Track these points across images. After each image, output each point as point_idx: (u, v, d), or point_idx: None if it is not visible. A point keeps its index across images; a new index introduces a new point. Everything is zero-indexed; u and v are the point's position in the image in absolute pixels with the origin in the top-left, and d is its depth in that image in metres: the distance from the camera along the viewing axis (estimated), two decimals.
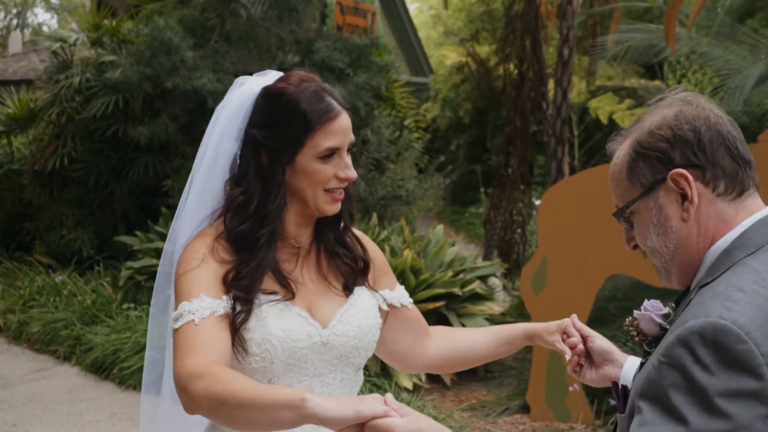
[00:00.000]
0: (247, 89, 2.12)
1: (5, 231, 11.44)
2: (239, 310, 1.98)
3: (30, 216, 11.10)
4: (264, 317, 1.99)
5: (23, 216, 11.23)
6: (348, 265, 2.17)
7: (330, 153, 2.02)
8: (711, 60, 8.59)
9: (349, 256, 2.19)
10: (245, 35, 10.03)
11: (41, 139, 10.87)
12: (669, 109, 1.64)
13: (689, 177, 1.58)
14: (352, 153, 2.10)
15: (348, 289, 2.15)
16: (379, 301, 2.23)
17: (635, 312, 1.79)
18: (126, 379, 7.14)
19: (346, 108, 2.07)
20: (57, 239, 10.42)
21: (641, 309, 1.78)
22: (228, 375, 1.75)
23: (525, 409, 6.40)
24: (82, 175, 10.45)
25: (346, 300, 2.14)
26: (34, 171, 10.65)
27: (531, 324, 2.27)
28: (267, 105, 2.06)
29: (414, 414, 1.60)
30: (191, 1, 10.11)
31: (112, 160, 10.45)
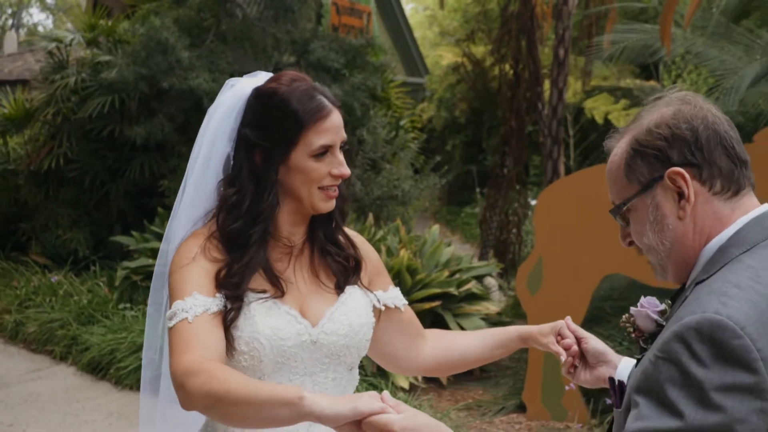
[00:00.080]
0: (239, 90, 2.13)
1: (1, 231, 11.43)
2: (230, 307, 1.98)
3: (26, 216, 11.10)
4: (252, 315, 2.00)
5: (19, 216, 11.22)
6: (339, 264, 2.18)
7: (323, 151, 2.03)
8: (706, 60, 8.59)
9: (341, 254, 2.19)
10: (241, 35, 10.03)
11: (37, 139, 10.87)
12: (667, 108, 1.65)
13: (686, 175, 1.59)
14: (345, 151, 2.11)
15: (339, 288, 2.16)
16: (373, 300, 2.23)
17: (632, 309, 1.80)
18: (122, 379, 7.14)
19: (337, 106, 2.09)
20: (53, 239, 10.42)
21: (638, 306, 1.80)
22: (224, 372, 1.75)
23: (521, 409, 6.41)
24: (78, 175, 10.45)
25: (337, 298, 2.14)
26: (29, 171, 10.65)
27: (525, 326, 2.28)
28: (259, 105, 2.07)
29: (411, 410, 1.61)
30: (187, 1, 10.11)
31: (108, 160, 10.44)
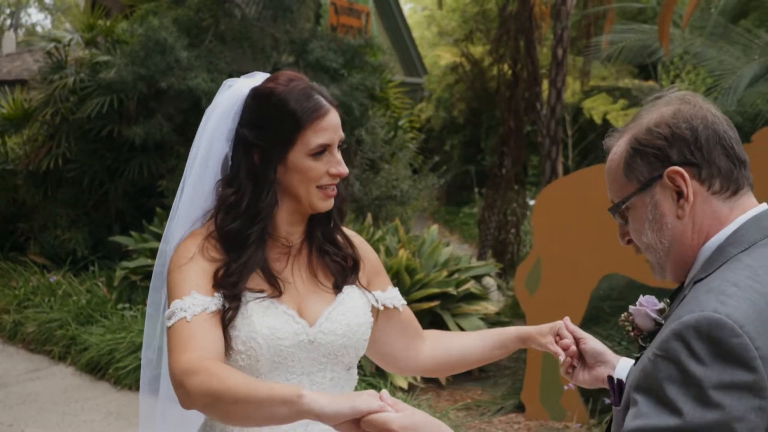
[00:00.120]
0: (236, 91, 2.14)
1: None
2: (228, 307, 1.99)
3: (24, 216, 11.09)
4: (249, 315, 2.00)
5: (17, 216, 11.21)
6: (337, 263, 2.18)
7: (321, 150, 2.04)
8: (704, 60, 8.59)
9: (339, 254, 2.19)
10: (240, 35, 10.03)
11: (35, 140, 10.86)
12: (667, 108, 1.66)
13: (685, 175, 1.59)
14: (343, 150, 2.12)
15: (337, 288, 2.16)
16: (371, 300, 2.23)
17: (630, 307, 1.81)
18: (121, 379, 7.14)
19: (334, 105, 2.09)
20: (51, 239, 10.41)
21: (636, 304, 1.80)
22: (223, 371, 1.76)
23: (520, 409, 6.41)
24: (76, 176, 10.45)
25: (335, 298, 2.14)
26: (28, 171, 10.64)
27: (524, 327, 2.28)
28: (256, 105, 2.08)
29: (409, 409, 1.62)
30: (186, 1, 10.11)
31: (106, 160, 10.44)
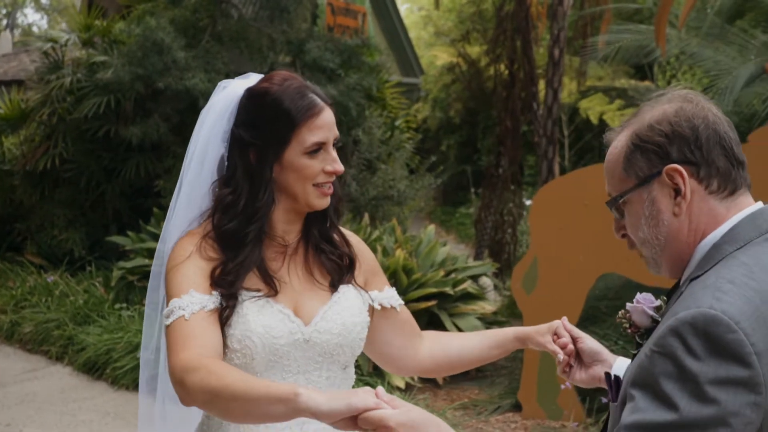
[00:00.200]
0: (231, 92, 2.15)
1: None
2: (224, 306, 2.00)
3: (21, 216, 11.08)
4: (245, 314, 2.01)
5: (14, 216, 11.20)
6: (333, 262, 2.19)
7: (316, 148, 2.05)
8: (701, 60, 8.60)
9: (335, 252, 2.20)
10: (236, 35, 10.03)
11: (32, 140, 10.84)
12: (669, 105, 1.67)
13: (684, 173, 1.61)
14: (340, 150, 2.13)
15: (333, 287, 2.17)
16: (367, 300, 2.24)
17: (628, 305, 1.82)
18: (119, 379, 7.14)
19: (329, 104, 2.11)
20: (48, 239, 10.41)
21: (634, 302, 1.82)
22: (222, 368, 1.78)
23: (517, 408, 6.43)
24: (73, 176, 10.44)
25: (330, 297, 2.15)
26: (25, 171, 10.62)
27: (522, 327, 2.30)
28: (252, 105, 2.09)
29: (406, 405, 1.63)
30: (183, 2, 10.11)
31: (103, 160, 10.43)
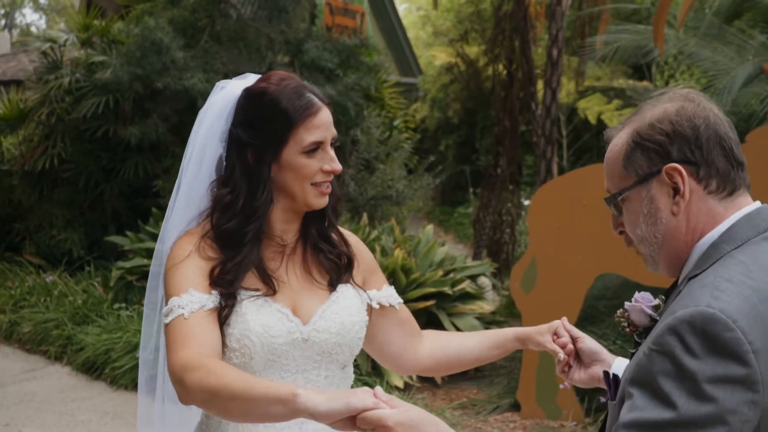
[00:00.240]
0: (229, 92, 2.16)
1: None
2: (223, 305, 2.01)
3: (20, 216, 11.09)
4: (243, 313, 2.02)
5: (13, 216, 11.22)
6: (332, 261, 2.20)
7: (314, 147, 2.06)
8: (699, 61, 8.61)
9: (333, 252, 2.21)
10: (235, 35, 10.03)
11: (31, 140, 10.85)
12: (671, 104, 1.68)
13: (683, 172, 1.61)
14: (339, 150, 2.14)
15: (332, 286, 2.18)
16: (365, 299, 2.25)
17: (626, 304, 1.83)
18: (118, 379, 7.14)
19: (326, 103, 2.12)
20: (47, 240, 10.43)
21: (632, 301, 1.82)
22: (221, 368, 1.78)
23: (515, 408, 6.43)
24: (72, 176, 10.45)
25: (329, 297, 2.16)
26: (23, 171, 10.64)
27: (522, 328, 2.30)
28: (249, 105, 2.10)
29: (404, 405, 1.63)
30: (181, 2, 10.11)
31: (102, 160, 10.44)
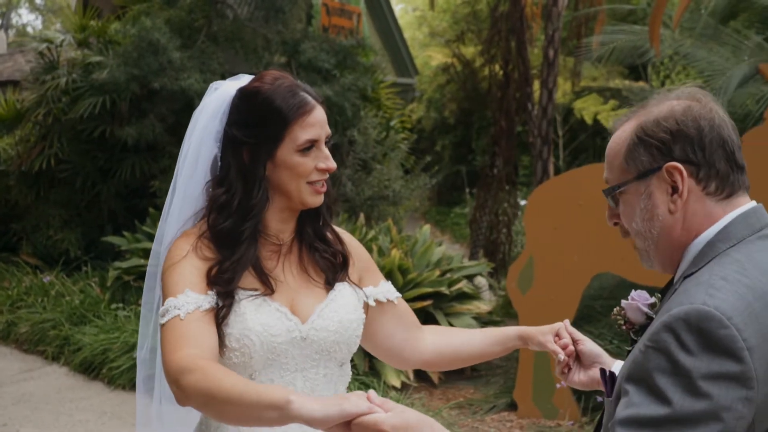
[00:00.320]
0: (223, 92, 2.17)
1: None
2: (221, 305, 2.02)
3: (17, 217, 11.08)
4: (242, 312, 2.03)
5: (10, 217, 11.21)
6: (327, 260, 2.21)
7: (309, 145, 2.07)
8: (694, 61, 8.61)
9: (329, 251, 2.22)
10: (232, 36, 10.04)
11: (28, 140, 10.85)
12: (678, 102, 1.68)
13: (683, 172, 1.63)
14: (335, 150, 2.15)
15: (329, 284, 2.19)
16: (361, 297, 2.26)
17: (623, 302, 1.85)
18: (115, 379, 7.14)
19: (320, 102, 2.13)
20: (44, 240, 10.42)
21: (629, 299, 1.84)
22: (217, 371, 1.78)
23: (512, 407, 6.45)
24: (69, 176, 10.45)
25: (326, 295, 2.17)
26: (20, 172, 10.64)
27: (525, 327, 2.31)
28: (244, 105, 2.11)
29: (399, 407, 1.62)
30: (178, 2, 10.12)
31: (99, 160, 10.44)
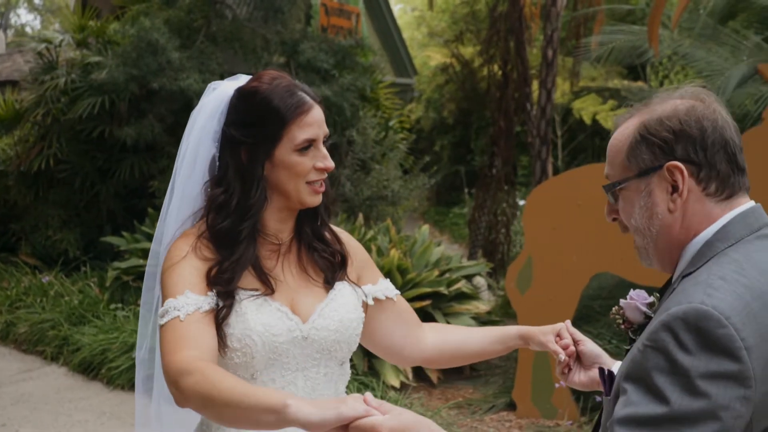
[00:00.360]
0: (221, 92, 2.17)
1: None
2: (221, 305, 2.02)
3: (16, 217, 11.08)
4: (243, 313, 2.03)
5: (9, 217, 11.21)
6: (326, 260, 2.21)
7: (307, 145, 2.08)
8: (693, 61, 8.62)
9: (327, 250, 2.23)
10: (231, 36, 10.05)
11: (27, 140, 10.86)
12: (681, 102, 1.68)
13: (684, 171, 1.63)
14: (334, 150, 2.15)
15: (329, 284, 2.19)
16: (360, 296, 2.27)
17: (621, 301, 1.85)
18: (114, 379, 7.14)
19: (317, 101, 2.14)
20: (43, 240, 10.42)
21: (627, 298, 1.84)
22: (216, 374, 1.78)
23: (511, 407, 6.45)
24: (67, 176, 10.45)
25: (326, 295, 2.17)
26: (19, 172, 10.64)
27: (526, 327, 2.31)
28: (242, 104, 2.11)
29: (396, 409, 1.62)
30: (177, 2, 10.12)
31: (98, 161, 10.44)
